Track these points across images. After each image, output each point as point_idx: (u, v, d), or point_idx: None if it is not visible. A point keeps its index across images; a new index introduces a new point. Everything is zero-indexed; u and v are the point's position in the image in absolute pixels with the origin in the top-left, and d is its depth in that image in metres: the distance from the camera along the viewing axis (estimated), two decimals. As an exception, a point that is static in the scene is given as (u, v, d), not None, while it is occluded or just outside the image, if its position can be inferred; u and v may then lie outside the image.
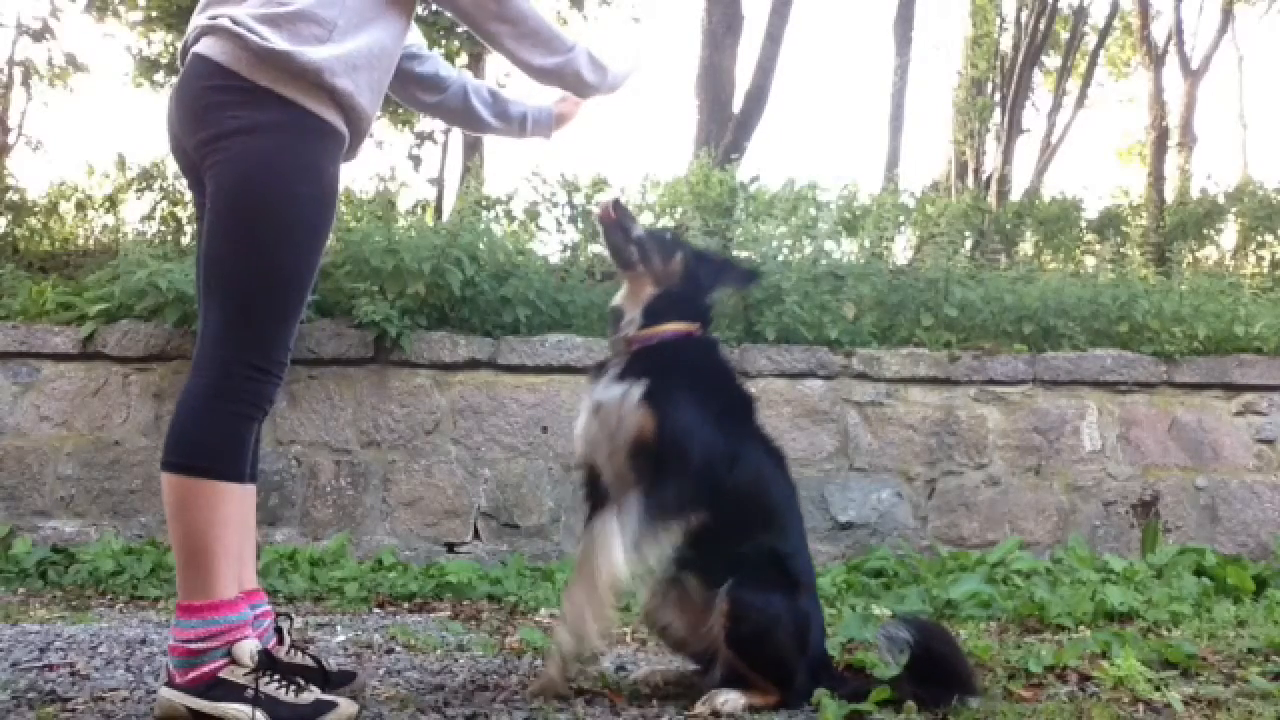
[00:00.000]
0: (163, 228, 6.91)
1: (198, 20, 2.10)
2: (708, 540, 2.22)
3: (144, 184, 7.24)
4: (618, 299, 2.47)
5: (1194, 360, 4.95)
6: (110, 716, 2.08)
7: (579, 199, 6.66)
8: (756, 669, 2.21)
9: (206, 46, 2.03)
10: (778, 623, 2.19)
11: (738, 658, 2.20)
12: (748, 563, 2.23)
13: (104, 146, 26.94)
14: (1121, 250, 6.58)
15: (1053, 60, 16.50)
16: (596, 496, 2.35)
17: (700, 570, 2.26)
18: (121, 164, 7.37)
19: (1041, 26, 13.69)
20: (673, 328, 2.37)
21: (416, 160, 9.54)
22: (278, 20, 2.00)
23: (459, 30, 9.22)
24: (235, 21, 1.99)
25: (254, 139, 1.99)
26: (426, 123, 9.27)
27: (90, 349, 4.74)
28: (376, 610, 3.81)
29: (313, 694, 2.00)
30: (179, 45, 2.22)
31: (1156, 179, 12.14)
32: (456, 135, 9.67)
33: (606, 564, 2.15)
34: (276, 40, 1.98)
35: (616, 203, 2.45)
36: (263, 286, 2.03)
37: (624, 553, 2.15)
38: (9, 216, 6.96)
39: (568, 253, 6.21)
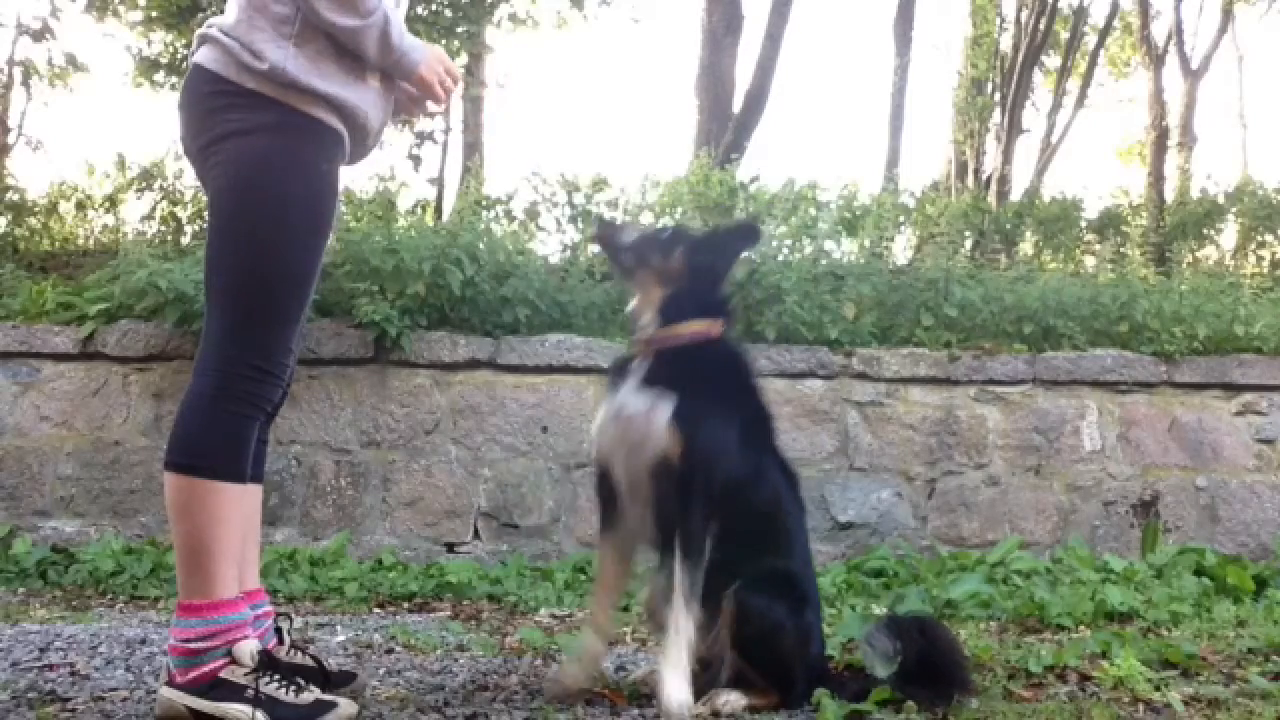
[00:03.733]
0: (163, 228, 6.90)
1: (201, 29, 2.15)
2: (717, 554, 2.22)
3: (144, 184, 7.23)
4: (632, 305, 2.43)
5: (1194, 360, 4.95)
6: (110, 716, 2.08)
7: (579, 199, 6.66)
8: (760, 671, 2.21)
9: (203, 55, 2.09)
10: (782, 628, 2.20)
11: (742, 659, 2.20)
12: (755, 573, 2.23)
13: (104, 146, 26.90)
14: (1121, 250, 6.57)
15: (1053, 60, 16.46)
16: (607, 494, 2.34)
17: (707, 583, 2.23)
18: (121, 164, 7.37)
19: (1041, 26, 13.66)
20: (693, 328, 2.31)
21: (416, 160, 9.54)
22: (261, 25, 2.03)
23: (459, 30, 9.23)
24: (224, 31, 2.04)
25: (249, 140, 2.02)
26: (426, 122, 9.27)
27: (90, 349, 4.74)
28: (376, 610, 3.80)
29: (313, 694, 2.01)
30: (179, 45, 2.25)
31: (1156, 179, 12.15)
32: (456, 135, 9.68)
33: (687, 627, 2.16)
34: (261, 49, 2.00)
35: (600, 222, 2.52)
36: (261, 287, 2.03)
37: (694, 611, 2.17)
38: (9, 216, 6.96)
39: (568, 252, 6.22)
